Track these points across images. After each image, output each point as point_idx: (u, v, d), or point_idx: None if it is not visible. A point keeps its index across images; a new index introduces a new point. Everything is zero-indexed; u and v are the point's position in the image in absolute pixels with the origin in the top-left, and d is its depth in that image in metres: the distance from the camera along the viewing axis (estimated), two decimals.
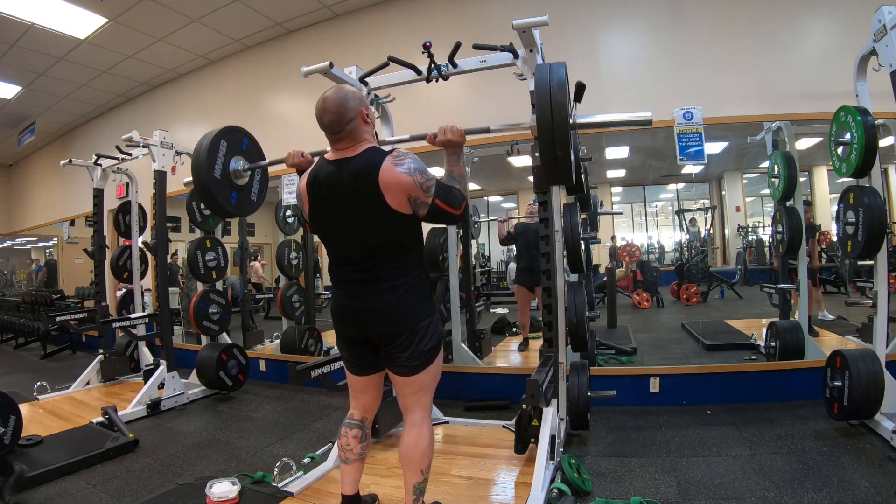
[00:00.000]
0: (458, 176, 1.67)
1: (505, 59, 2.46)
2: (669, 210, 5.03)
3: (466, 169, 1.70)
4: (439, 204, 1.57)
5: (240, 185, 2.18)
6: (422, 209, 1.57)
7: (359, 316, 1.63)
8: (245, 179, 2.20)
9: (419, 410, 1.70)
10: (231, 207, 2.11)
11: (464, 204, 1.63)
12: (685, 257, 4.90)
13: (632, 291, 4.96)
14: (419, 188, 1.53)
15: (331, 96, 1.59)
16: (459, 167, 1.67)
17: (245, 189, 2.20)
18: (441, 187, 1.58)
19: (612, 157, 4.51)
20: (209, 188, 2.04)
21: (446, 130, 1.68)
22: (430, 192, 1.55)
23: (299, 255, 4.71)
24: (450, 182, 1.65)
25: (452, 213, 1.60)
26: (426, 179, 1.54)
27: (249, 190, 2.22)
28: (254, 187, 2.26)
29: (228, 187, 2.12)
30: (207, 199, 2.06)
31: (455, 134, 1.68)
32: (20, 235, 8.62)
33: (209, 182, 2.04)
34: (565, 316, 2.51)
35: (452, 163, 1.69)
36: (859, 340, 3.50)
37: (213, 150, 2.08)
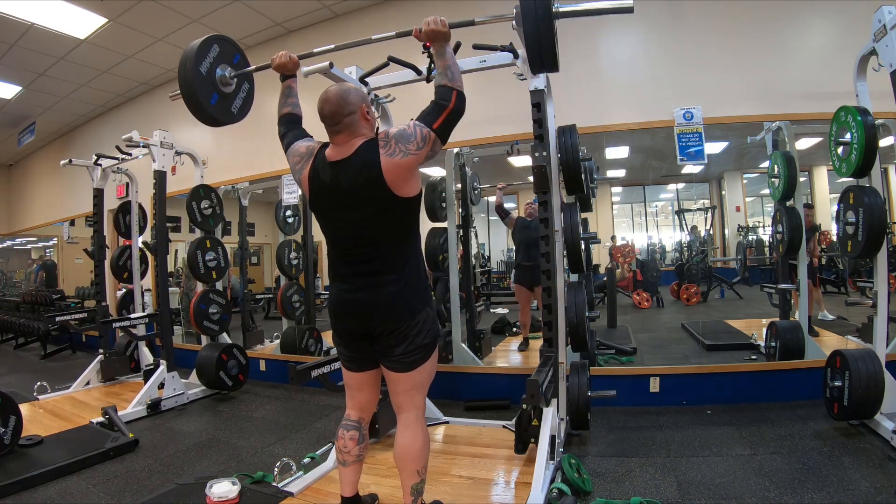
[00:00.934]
0: (444, 68, 1.64)
1: (505, 59, 2.47)
2: (669, 210, 5.03)
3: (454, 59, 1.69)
4: (438, 126, 1.56)
5: (224, 91, 2.14)
6: (437, 145, 1.58)
7: (359, 309, 1.63)
8: (230, 88, 2.16)
9: (412, 410, 1.70)
10: (210, 107, 2.06)
11: (454, 93, 1.60)
12: (685, 257, 4.90)
13: (632, 291, 4.96)
14: (420, 150, 1.54)
15: (333, 89, 1.63)
16: (445, 59, 1.66)
17: (227, 97, 2.16)
18: (424, 118, 1.58)
19: (612, 157, 4.51)
20: (192, 82, 1.98)
21: (430, 21, 1.68)
22: (426, 138, 1.54)
23: (299, 255, 4.71)
24: (441, 79, 1.63)
25: (449, 114, 1.58)
26: (414, 138, 1.54)
27: (232, 99, 2.18)
28: (237, 99, 2.21)
29: (210, 87, 2.08)
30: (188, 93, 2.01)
31: (439, 24, 1.67)
32: (20, 235, 8.62)
33: (193, 76, 1.99)
34: (565, 316, 2.51)
35: (440, 55, 1.67)
36: (859, 340, 3.50)
37: (203, 49, 2.04)
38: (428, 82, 2.48)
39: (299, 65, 1.97)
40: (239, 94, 2.23)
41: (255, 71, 2.20)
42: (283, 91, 1.93)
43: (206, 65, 2.06)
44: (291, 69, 1.95)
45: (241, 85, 2.24)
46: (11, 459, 2.53)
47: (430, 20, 1.68)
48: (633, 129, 3.55)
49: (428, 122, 1.56)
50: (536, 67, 1.92)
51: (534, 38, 1.76)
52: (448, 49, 1.69)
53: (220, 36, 2.15)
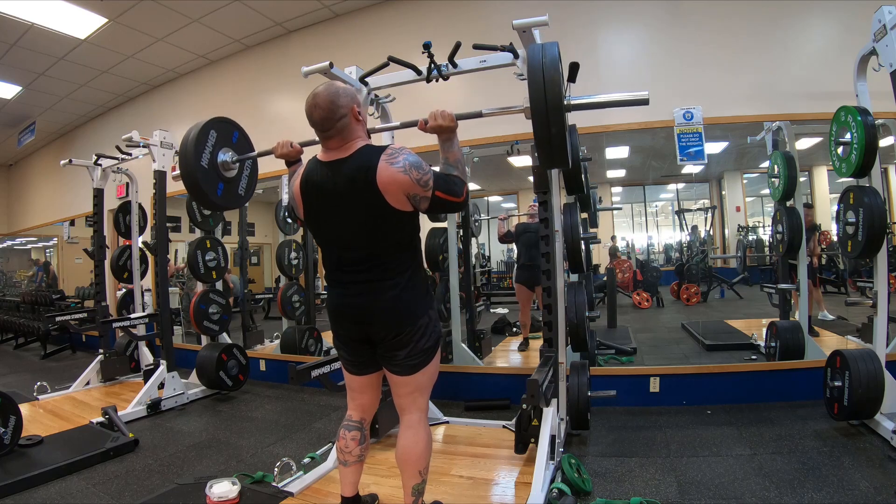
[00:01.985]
0: (454, 161, 1.64)
1: (505, 59, 2.46)
2: (669, 210, 5.03)
3: (461, 152, 1.67)
4: (440, 195, 1.55)
5: (228, 177, 2.13)
6: (423, 203, 1.55)
7: (358, 313, 1.61)
8: (233, 172, 2.15)
9: (415, 411, 1.69)
10: (217, 198, 2.06)
11: (465, 189, 1.60)
12: (685, 257, 4.90)
13: (632, 291, 4.96)
14: (417, 185, 1.51)
15: (321, 92, 1.54)
16: (454, 152, 1.65)
17: (233, 181, 2.15)
18: (439, 178, 1.56)
19: (612, 157, 4.50)
20: (195, 177, 1.98)
21: (437, 116, 1.64)
22: (428, 186, 1.53)
23: (299, 255, 4.71)
24: (447, 169, 1.62)
25: (454, 201, 1.58)
26: (423, 174, 1.52)
27: (238, 183, 2.18)
28: (242, 181, 2.21)
29: (215, 178, 2.07)
30: (193, 188, 2.01)
31: (446, 119, 1.64)
32: (20, 235, 8.62)
33: (195, 170, 1.98)
34: (565, 316, 2.51)
35: (447, 149, 1.66)
36: (859, 340, 3.50)
37: (201, 139, 2.04)
38: (428, 82, 2.49)
39: (303, 151, 1.89)
40: (243, 175, 2.22)
41: (256, 157, 2.20)
42: (289, 173, 1.87)
43: (207, 155, 2.05)
44: (294, 157, 1.87)
45: (243, 167, 2.23)
46: (11, 459, 2.53)
47: (436, 113, 1.64)
48: (633, 129, 3.55)
49: (439, 184, 1.54)
50: (546, 164, 1.77)
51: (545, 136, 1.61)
52: (455, 141, 1.67)
53: (215, 119, 2.13)
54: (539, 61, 1.57)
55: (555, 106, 1.56)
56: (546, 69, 1.56)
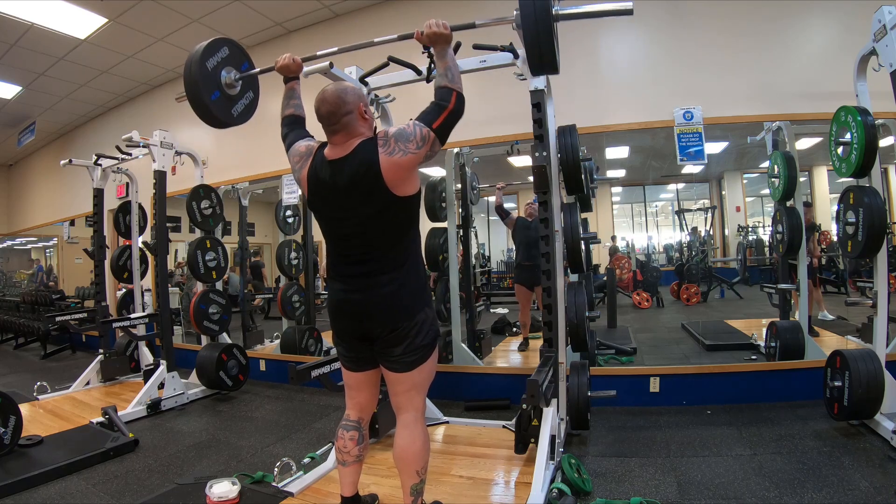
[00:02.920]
0: (445, 69, 1.65)
1: (505, 59, 2.47)
2: (669, 210, 5.03)
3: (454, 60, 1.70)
4: (437, 126, 1.56)
5: (227, 92, 2.14)
6: (437, 145, 1.58)
7: (357, 308, 1.63)
8: (233, 91, 2.17)
9: (411, 411, 1.70)
10: (210, 102, 2.05)
11: (453, 94, 1.60)
12: (685, 257, 4.90)
13: (632, 291, 4.96)
14: (418, 149, 1.53)
15: (330, 89, 1.61)
16: (446, 60, 1.67)
17: (230, 98, 2.16)
18: (425, 116, 1.58)
19: (612, 157, 4.51)
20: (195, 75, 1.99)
21: (432, 24, 1.68)
22: (426, 138, 1.54)
23: (299, 255, 4.71)
24: (442, 81, 1.63)
25: (449, 115, 1.58)
26: (414, 137, 1.54)
27: (234, 102, 2.19)
28: (238, 103, 2.21)
29: (214, 84, 2.08)
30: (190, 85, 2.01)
31: (440, 26, 1.68)
32: (20, 235, 8.62)
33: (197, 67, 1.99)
34: (565, 316, 2.51)
35: (441, 57, 1.68)
36: (859, 340, 3.50)
37: (212, 47, 2.05)
38: (428, 82, 2.48)
39: (302, 67, 1.97)
40: (242, 99, 2.22)
41: (258, 73, 2.21)
42: (286, 93, 1.93)
43: (213, 62, 2.07)
44: (294, 71, 1.94)
45: (245, 91, 2.24)
46: (11, 459, 2.53)
47: (431, 23, 1.68)
48: (633, 129, 3.55)
49: (427, 121, 1.56)
50: (536, 69, 1.92)
51: (533, 39, 1.78)
52: (449, 51, 1.70)
53: (233, 41, 2.17)
54: None
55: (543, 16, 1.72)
56: None
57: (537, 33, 1.76)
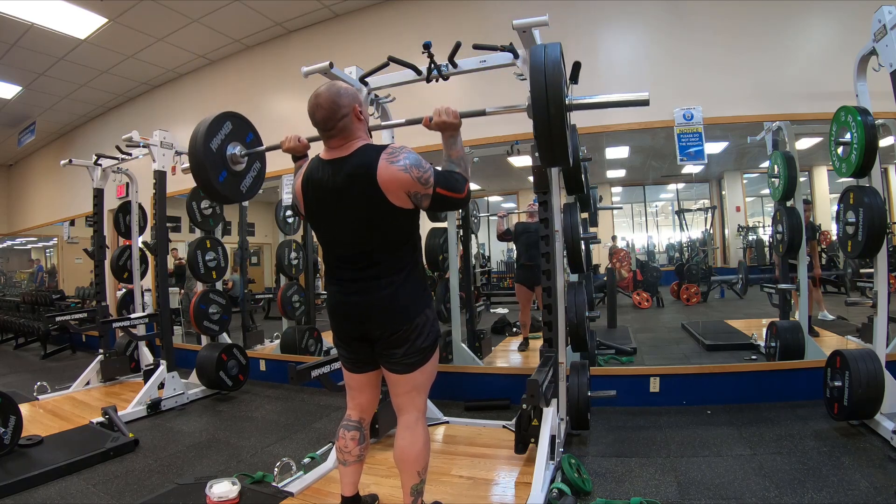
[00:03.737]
0: (456, 158, 1.65)
1: (505, 59, 2.46)
2: (669, 210, 5.03)
3: (464, 150, 1.69)
4: (441, 192, 1.55)
5: (233, 169, 2.15)
6: (424, 201, 1.56)
7: (356, 311, 1.63)
8: (240, 167, 2.17)
9: (413, 411, 1.69)
10: (218, 184, 2.05)
11: (466, 186, 1.61)
12: (685, 257, 4.90)
13: (632, 291, 4.96)
14: (417, 182, 1.52)
15: (323, 92, 1.56)
16: (457, 150, 1.66)
17: (237, 175, 2.16)
18: (440, 175, 1.57)
19: (612, 157, 4.50)
20: (201, 156, 2.00)
21: (441, 112, 1.66)
22: (429, 184, 1.54)
23: (299, 255, 4.71)
24: (449, 166, 1.64)
25: (456, 197, 1.59)
26: (423, 172, 1.53)
27: (242, 178, 2.19)
28: (247, 178, 2.22)
29: (220, 164, 2.08)
30: (197, 167, 2.02)
31: (450, 115, 1.66)
32: (20, 235, 8.62)
33: (203, 150, 2.00)
34: (565, 316, 2.51)
35: (450, 146, 1.67)
36: (859, 340, 3.50)
37: (215, 125, 2.06)
38: (428, 82, 2.49)
39: (309, 146, 1.92)
40: (249, 172, 2.23)
41: (264, 151, 2.21)
42: (295, 168, 1.89)
43: (217, 141, 2.07)
44: (302, 151, 1.90)
45: (251, 164, 2.25)
46: (11, 459, 2.53)
47: (441, 110, 1.66)
48: (633, 129, 3.55)
49: (440, 181, 1.55)
50: (548, 162, 1.82)
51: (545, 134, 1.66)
52: (459, 139, 1.69)
53: (234, 113, 2.17)
54: (541, 61, 1.59)
55: (556, 106, 1.59)
56: (548, 69, 1.58)
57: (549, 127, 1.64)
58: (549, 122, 1.62)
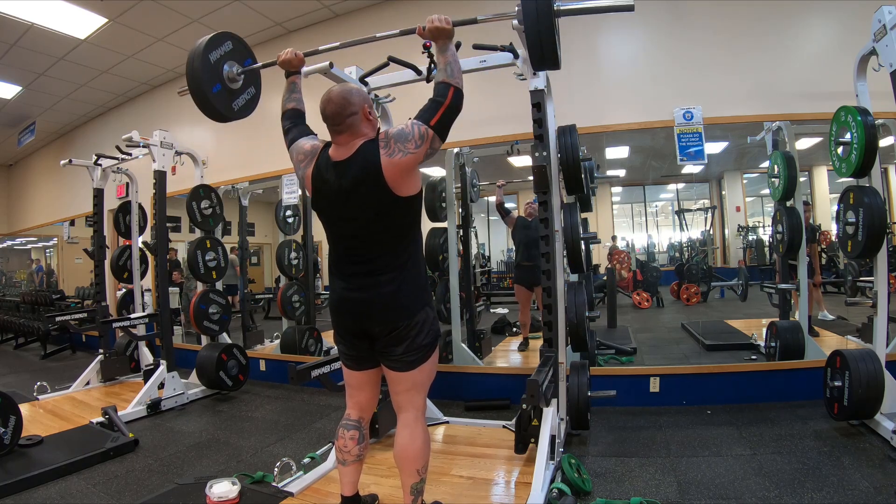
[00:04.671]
0: (445, 65, 1.66)
1: (505, 59, 2.47)
2: (669, 210, 5.03)
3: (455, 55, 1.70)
4: (435, 122, 1.56)
5: (229, 86, 2.16)
6: (436, 142, 1.58)
7: (358, 307, 1.64)
8: (235, 85, 2.18)
9: (412, 410, 1.70)
10: (211, 94, 2.07)
11: (449, 91, 1.60)
12: (685, 257, 4.90)
13: (632, 291, 4.96)
14: (418, 148, 1.54)
15: (335, 89, 1.63)
16: (447, 55, 1.67)
17: (231, 92, 2.17)
18: (421, 116, 1.58)
19: (612, 157, 4.51)
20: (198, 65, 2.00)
21: (434, 19, 1.69)
22: (424, 134, 1.55)
23: (299, 255, 4.71)
24: (440, 76, 1.64)
25: (447, 110, 1.58)
26: (413, 136, 1.54)
27: (235, 96, 2.20)
28: (240, 98, 2.22)
29: (216, 77, 2.09)
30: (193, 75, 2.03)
31: (443, 21, 1.69)
32: (20, 235, 8.62)
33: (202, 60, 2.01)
34: (565, 316, 2.51)
35: (441, 52, 1.69)
36: (859, 340, 3.50)
37: (216, 40, 2.07)
38: (428, 82, 2.48)
39: (304, 62, 1.99)
40: (243, 94, 2.24)
41: (260, 68, 2.21)
42: (287, 87, 1.94)
43: (216, 55, 2.08)
44: (296, 66, 1.96)
45: (247, 86, 2.25)
46: (11, 459, 2.54)
47: (433, 17, 1.69)
48: (633, 129, 3.55)
49: (425, 119, 1.57)
50: (538, 64, 1.93)
51: (535, 35, 1.79)
52: (450, 47, 1.70)
53: (237, 36, 2.18)
54: None
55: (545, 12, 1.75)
56: None
57: (538, 29, 1.78)
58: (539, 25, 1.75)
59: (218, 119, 2.17)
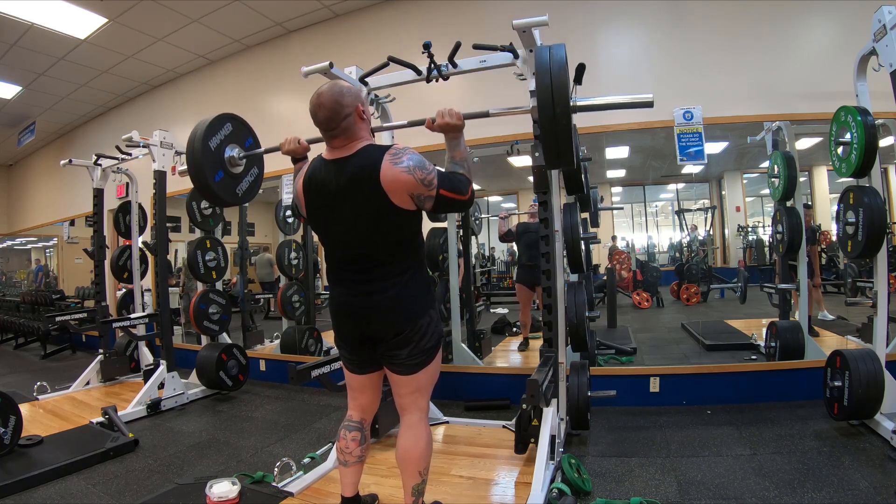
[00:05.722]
0: (460, 160, 1.64)
1: (505, 59, 2.46)
2: (669, 210, 5.03)
3: (468, 151, 1.68)
4: (444, 194, 1.54)
5: (231, 171, 2.14)
6: (427, 203, 1.55)
7: (359, 312, 1.62)
8: (238, 169, 2.17)
9: (416, 412, 1.69)
10: (213, 183, 2.05)
11: (470, 188, 1.60)
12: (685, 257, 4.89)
13: (632, 291, 4.96)
14: (420, 185, 1.51)
15: (325, 92, 1.55)
16: (461, 151, 1.65)
17: (234, 177, 2.16)
18: (444, 177, 1.56)
19: (612, 157, 4.50)
20: (198, 154, 1.99)
21: (444, 114, 1.65)
22: (432, 186, 1.53)
23: (299, 255, 4.71)
24: (452, 168, 1.63)
25: (460, 199, 1.58)
26: (426, 174, 1.52)
27: (238, 181, 2.18)
28: (243, 182, 2.21)
29: (218, 164, 2.08)
30: (194, 165, 2.02)
31: (453, 117, 1.65)
32: (20, 235, 8.62)
33: (201, 149, 1.99)
34: (565, 316, 2.51)
35: (453, 147, 1.67)
36: (859, 340, 3.50)
37: (215, 125, 2.06)
38: (428, 82, 2.49)
39: (309, 148, 1.91)
40: (246, 177, 2.23)
41: (263, 153, 2.21)
42: (295, 170, 1.88)
43: (216, 141, 2.07)
44: (301, 153, 1.90)
45: (249, 168, 2.24)
46: (11, 459, 2.53)
47: (444, 112, 1.65)
48: (633, 129, 3.55)
49: (443, 183, 1.54)
50: (553, 163, 1.77)
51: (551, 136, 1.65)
52: (462, 141, 1.68)
53: (235, 116, 2.17)
54: (547, 63, 1.59)
55: (562, 108, 1.59)
56: (554, 71, 1.58)
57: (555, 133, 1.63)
58: (555, 124, 1.61)
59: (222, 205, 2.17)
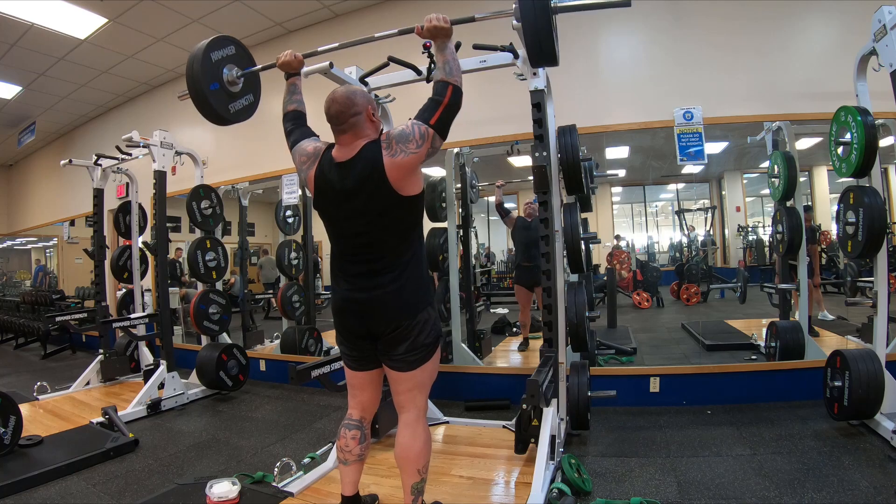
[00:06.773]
0: (444, 63, 1.67)
1: (505, 59, 2.46)
2: (669, 210, 5.03)
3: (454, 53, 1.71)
4: (435, 121, 1.58)
5: (228, 88, 2.17)
6: (435, 141, 1.59)
7: (361, 307, 1.64)
8: (234, 88, 2.19)
9: (413, 410, 1.71)
10: (208, 91, 2.07)
11: (449, 88, 1.61)
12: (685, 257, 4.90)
13: (632, 291, 4.96)
14: (419, 148, 1.56)
15: (340, 89, 1.65)
16: (445, 54, 1.68)
17: (230, 94, 2.18)
18: (422, 114, 1.60)
19: (612, 157, 4.50)
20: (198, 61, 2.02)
21: (432, 18, 1.70)
22: (424, 134, 1.56)
23: (299, 255, 4.71)
24: (439, 74, 1.65)
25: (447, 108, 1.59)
26: (414, 136, 1.56)
27: (232, 99, 2.21)
28: (237, 102, 2.23)
29: (215, 75, 2.10)
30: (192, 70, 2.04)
31: (440, 20, 1.70)
32: (20, 235, 8.62)
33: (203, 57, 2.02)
34: (565, 316, 2.51)
35: (440, 51, 1.70)
36: (859, 340, 3.50)
37: (220, 42, 2.09)
38: (428, 82, 2.48)
39: (304, 63, 2.00)
40: (241, 98, 2.24)
41: (260, 70, 2.21)
42: (287, 88, 1.95)
43: (217, 56, 2.09)
44: (296, 67, 1.97)
45: (245, 92, 2.25)
46: (11, 459, 2.54)
47: (431, 17, 1.70)
48: (633, 129, 3.55)
49: (425, 118, 1.58)
50: (536, 60, 1.95)
51: (533, 31, 1.81)
52: (449, 45, 1.71)
53: (241, 43, 2.19)
54: None
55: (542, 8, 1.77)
56: None
57: (537, 26, 1.80)
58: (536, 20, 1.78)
59: (214, 120, 2.17)
